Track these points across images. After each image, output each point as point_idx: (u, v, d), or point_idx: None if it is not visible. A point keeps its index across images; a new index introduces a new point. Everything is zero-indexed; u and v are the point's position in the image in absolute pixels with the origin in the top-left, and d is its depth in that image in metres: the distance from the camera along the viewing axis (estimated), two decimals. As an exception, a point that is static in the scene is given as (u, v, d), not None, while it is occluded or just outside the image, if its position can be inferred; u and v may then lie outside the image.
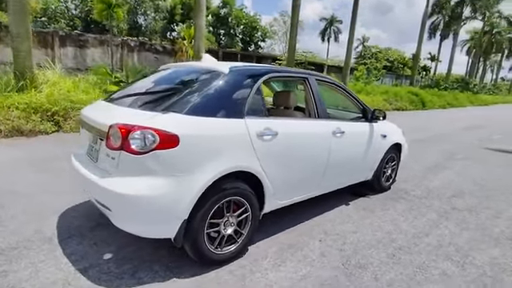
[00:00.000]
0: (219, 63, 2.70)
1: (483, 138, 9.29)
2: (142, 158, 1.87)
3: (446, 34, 36.35)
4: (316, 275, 2.25)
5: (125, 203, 1.90)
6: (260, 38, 36.54)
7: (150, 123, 1.89)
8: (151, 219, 1.94)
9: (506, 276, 2.39)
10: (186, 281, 2.09)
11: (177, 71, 2.75)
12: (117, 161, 1.96)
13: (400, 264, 2.46)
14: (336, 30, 48.22)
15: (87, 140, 2.43)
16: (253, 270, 2.26)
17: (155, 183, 1.89)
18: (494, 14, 34.48)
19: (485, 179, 4.93)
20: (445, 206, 3.75)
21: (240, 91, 2.30)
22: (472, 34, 43.04)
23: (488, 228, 3.22)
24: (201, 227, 2.07)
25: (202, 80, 2.33)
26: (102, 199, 2.00)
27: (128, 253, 2.36)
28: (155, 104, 2.21)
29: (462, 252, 2.70)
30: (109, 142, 1.98)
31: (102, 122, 2.09)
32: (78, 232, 2.62)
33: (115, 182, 1.93)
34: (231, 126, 2.18)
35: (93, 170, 2.17)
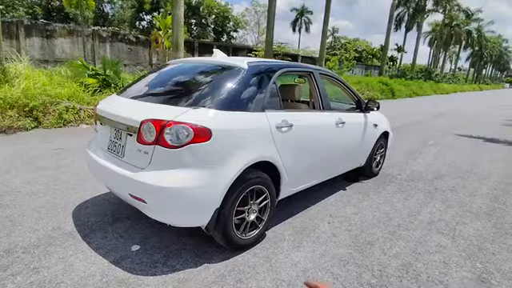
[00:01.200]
0: (235, 58, 2.79)
1: (450, 124, 10.08)
2: (177, 151, 1.97)
3: (411, 25, 38.08)
4: (333, 253, 2.48)
5: (161, 195, 1.99)
6: (232, 28, 36.20)
7: (184, 118, 1.98)
8: (186, 209, 2.05)
9: (489, 244, 2.77)
10: (217, 265, 2.23)
11: (194, 66, 2.81)
12: (150, 155, 2.04)
13: (401, 239, 2.75)
14: (307, 20, 48.78)
15: (106, 135, 2.45)
16: (275, 252, 2.45)
17: (190, 175, 1.99)
18: (453, 8, 36.69)
19: (457, 162, 5.46)
20: (428, 187, 4.15)
21: (260, 86, 2.43)
22: (433, 26, 45.42)
23: (468, 204, 3.63)
24: (230, 215, 2.21)
25: (224, 75, 2.43)
26: (136, 193, 2.07)
27: (154, 243, 2.45)
28: (182, 99, 2.28)
29: (450, 226, 3.06)
30: (141, 137, 2.05)
31: (131, 118, 2.14)
32: (98, 227, 2.65)
33: (151, 176, 2.01)
34: (255, 119, 2.32)
35: (120, 165, 2.22)
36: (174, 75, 2.73)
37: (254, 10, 42.84)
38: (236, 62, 2.53)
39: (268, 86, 2.49)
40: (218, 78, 2.43)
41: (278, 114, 2.51)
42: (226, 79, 2.36)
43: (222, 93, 2.22)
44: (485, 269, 2.41)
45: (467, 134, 8.29)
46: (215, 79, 2.42)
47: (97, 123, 2.62)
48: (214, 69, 2.59)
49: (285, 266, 2.28)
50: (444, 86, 33.32)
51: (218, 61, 2.72)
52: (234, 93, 2.26)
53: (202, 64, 2.82)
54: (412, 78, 30.86)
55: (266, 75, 2.52)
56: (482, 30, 48.14)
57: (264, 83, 2.47)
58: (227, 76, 2.39)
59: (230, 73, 2.41)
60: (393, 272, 2.29)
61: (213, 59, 2.86)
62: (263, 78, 2.49)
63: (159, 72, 2.92)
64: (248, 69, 2.43)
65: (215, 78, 2.45)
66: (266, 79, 2.51)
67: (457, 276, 2.30)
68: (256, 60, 2.67)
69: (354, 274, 2.24)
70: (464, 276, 2.30)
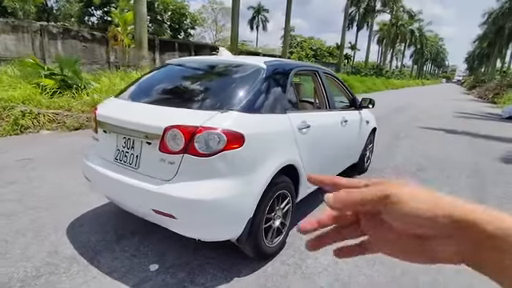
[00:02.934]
0: (250, 58, 2.64)
1: (411, 117, 10.79)
2: (209, 160, 1.80)
3: (362, 25, 40.22)
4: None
5: (193, 209, 1.81)
6: (190, 26, 35.25)
7: (214, 123, 1.82)
8: (220, 222, 1.89)
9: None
10: (249, 278, 2.10)
11: (207, 66, 2.60)
12: (177, 165, 1.84)
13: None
14: (264, 18, 49.19)
15: (112, 144, 2.18)
16: (302, 257, 2.38)
17: (223, 185, 1.84)
18: (399, 9, 39.46)
19: (432, 154, 5.83)
20: (416, 179, 4.36)
21: (280, 86, 2.33)
22: (381, 26, 48.44)
23: (456, 192, 3.87)
24: (261, 223, 2.09)
25: (245, 76, 2.28)
26: (162, 208, 1.86)
27: (173, 260, 2.24)
28: (206, 102, 2.09)
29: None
30: (165, 145, 1.84)
31: (151, 125, 1.91)
32: (103, 247, 2.36)
33: (180, 188, 1.82)
34: (280, 122, 2.21)
35: (135, 177, 1.99)
36: (187, 76, 2.52)
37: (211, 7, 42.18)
38: (254, 62, 2.39)
39: (287, 87, 2.39)
40: (239, 79, 2.27)
41: (298, 115, 2.43)
42: (248, 80, 2.22)
43: (247, 94, 2.08)
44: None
45: (429, 127, 8.93)
46: (237, 80, 2.26)
47: (97, 131, 2.32)
48: (232, 69, 2.42)
49: (317, 272, 2.22)
50: (394, 81, 35.76)
51: (234, 60, 2.55)
52: (259, 94, 2.13)
53: (216, 63, 2.62)
54: (366, 74, 32.65)
55: (283, 75, 2.43)
56: (422, 29, 52.43)
57: (283, 83, 2.37)
58: (248, 76, 2.25)
59: (251, 73, 2.27)
60: (415, 266, 2.34)
61: (227, 58, 2.69)
62: (282, 78, 2.39)
63: (164, 73, 2.67)
64: (267, 69, 2.31)
65: (236, 78, 2.29)
66: (284, 79, 2.41)
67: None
68: (271, 59, 2.55)
69: (384, 272, 2.25)
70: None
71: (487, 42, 39.85)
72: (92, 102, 7.48)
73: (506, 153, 6.31)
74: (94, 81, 8.65)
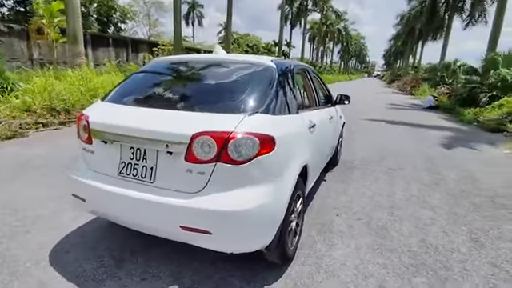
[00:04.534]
0: (257, 57, 2.52)
1: (353, 110, 11.61)
2: (243, 167, 1.68)
3: (295, 23, 42.00)
4: (363, 244, 2.58)
5: (232, 221, 1.67)
6: (120, 19, 32.64)
7: (246, 128, 1.70)
8: (257, 231, 1.78)
9: (457, 209, 3.36)
10: (278, 285, 2.04)
11: (213, 65, 2.39)
12: (208, 175, 1.68)
13: (403, 219, 3.07)
14: (199, 14, 48.09)
15: (114, 156, 1.90)
16: (317, 255, 2.39)
17: (258, 193, 1.74)
18: (328, 9, 42.19)
19: (385, 144, 6.39)
20: (383, 168, 4.74)
21: (291, 86, 2.28)
22: (312, 24, 51.21)
23: (419, 179, 4.31)
24: (287, 227, 2.04)
25: (259, 76, 2.16)
26: (194, 223, 1.67)
27: (191, 277, 2.06)
28: (227, 105, 1.93)
29: (423, 200, 3.59)
30: (193, 154, 1.67)
31: (174, 132, 1.70)
32: (104, 275, 2.05)
33: (213, 200, 1.66)
34: (297, 122, 2.18)
35: (152, 191, 1.76)
36: (195, 76, 2.29)
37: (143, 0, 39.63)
38: (263, 61, 2.30)
39: (295, 86, 2.36)
40: (254, 79, 2.14)
41: (307, 115, 2.43)
42: (263, 80, 2.12)
43: (267, 95, 1.99)
44: (469, 230, 2.92)
45: (371, 118, 9.77)
46: (253, 80, 2.13)
47: (92, 141, 1.98)
48: (243, 68, 2.27)
49: (337, 267, 2.25)
50: (328, 76, 38.22)
51: (240, 59, 2.41)
52: (277, 94, 2.06)
53: (222, 62, 2.44)
54: (303, 70, 34.21)
55: (290, 74, 2.39)
56: (347, 28, 56.94)
57: (292, 82, 2.34)
58: (263, 76, 2.15)
59: (264, 73, 2.18)
60: (418, 250, 2.54)
61: (231, 57, 2.53)
62: (290, 77, 2.35)
63: (164, 73, 2.42)
64: (277, 68, 2.25)
65: (251, 78, 2.16)
66: (292, 78, 2.37)
67: (458, 240, 2.72)
68: (275, 59, 2.48)
69: (395, 260, 2.39)
70: (463, 239, 2.74)
71: (401, 40, 45.01)
72: (24, 105, 6.48)
73: (442, 139, 7.23)
74: (21, 81, 7.47)
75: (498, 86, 12.10)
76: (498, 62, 12.46)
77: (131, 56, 16.84)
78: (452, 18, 24.67)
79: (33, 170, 3.92)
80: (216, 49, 3.03)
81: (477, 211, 3.35)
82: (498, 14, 14.70)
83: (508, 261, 2.45)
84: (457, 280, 2.19)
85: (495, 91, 11.92)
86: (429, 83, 22.73)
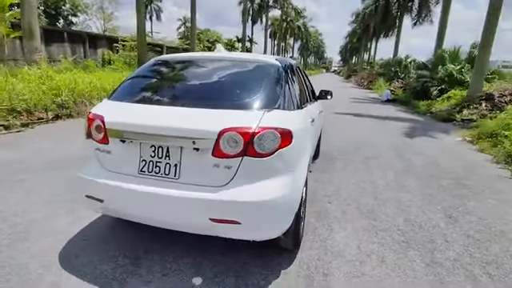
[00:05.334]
0: (261, 55, 2.61)
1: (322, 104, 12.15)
2: (267, 160, 1.80)
3: (256, 19, 42.27)
4: (360, 227, 2.83)
5: (260, 210, 1.79)
6: (70, 12, 30.52)
7: (268, 123, 1.82)
8: (281, 219, 1.91)
9: (429, 190, 3.78)
10: (293, 269, 2.20)
11: (221, 63, 2.45)
12: (235, 169, 1.78)
13: (387, 202, 3.39)
14: (157, 8, 46.38)
15: (133, 155, 1.92)
16: (322, 239, 2.59)
17: (280, 183, 1.87)
18: (288, 5, 43.04)
19: (357, 136, 6.84)
20: (360, 158, 5.11)
21: (294, 82, 2.43)
22: (272, 21, 51.85)
23: (393, 166, 4.73)
24: (300, 214, 2.20)
25: (267, 73, 2.26)
26: (223, 215, 1.76)
27: (211, 269, 2.14)
28: (245, 102, 2.01)
29: (401, 184, 3.97)
30: (220, 150, 1.76)
31: (201, 129, 1.77)
32: (124, 274, 2.06)
33: (241, 192, 1.77)
34: (303, 117, 2.33)
35: (178, 187, 1.82)
36: (206, 75, 2.34)
37: (94, -9, 37.20)
38: (267, 59, 2.42)
39: (296, 82, 2.51)
40: (265, 77, 2.24)
41: (307, 109, 2.59)
42: (272, 77, 2.24)
43: (279, 92, 2.12)
44: (443, 208, 3.31)
45: (340, 112, 10.28)
46: (264, 78, 2.23)
47: (108, 141, 1.97)
48: (251, 66, 2.36)
49: (342, 249, 2.47)
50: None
51: (246, 58, 2.50)
52: (287, 91, 2.19)
53: (229, 61, 2.52)
54: (266, 66, 34.62)
55: (291, 71, 2.53)
56: (306, 25, 58.52)
57: (294, 80, 2.48)
58: (271, 74, 2.26)
59: (272, 71, 2.30)
60: (405, 228, 2.85)
61: (233, 56, 2.60)
62: (292, 74, 2.50)
63: (169, 71, 2.45)
64: (281, 65, 2.38)
65: (261, 76, 2.25)
66: (294, 75, 2.52)
67: (436, 218, 3.08)
68: (277, 57, 2.61)
69: (388, 238, 2.67)
70: (440, 216, 3.11)
71: (356, 37, 47.36)
72: (-20, 107, 5.92)
73: (403, 130, 7.88)
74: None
75: (445, 80, 13.32)
76: (446, 58, 13.72)
77: (89, 52, 15.87)
78: (403, 17, 26.53)
79: (9, 176, 3.67)
80: (218, 47, 3.08)
81: (445, 192, 3.79)
82: (443, 14, 16.14)
83: (477, 231, 2.85)
84: (442, 250, 2.52)
85: (444, 85, 13.12)
86: (384, 78, 24.25)
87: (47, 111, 7.07)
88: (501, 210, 3.34)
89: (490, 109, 9.46)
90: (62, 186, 3.40)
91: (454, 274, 2.23)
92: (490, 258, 2.45)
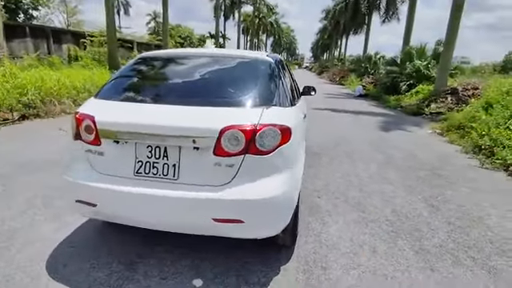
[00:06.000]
0: (252, 52, 2.57)
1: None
2: (268, 157, 1.80)
3: (229, 15, 41.89)
4: (351, 220, 2.91)
5: (263, 208, 1.78)
6: (31, 6, 28.56)
7: (268, 120, 1.81)
8: (282, 216, 1.91)
9: (409, 182, 3.96)
10: (292, 265, 2.23)
11: (212, 60, 2.38)
12: (236, 167, 1.76)
13: (373, 194, 3.52)
14: (125, 2, 44.61)
15: (128, 156, 1.84)
16: (316, 233, 2.64)
17: (281, 180, 1.87)
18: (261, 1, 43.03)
19: (335, 131, 7.00)
20: (341, 152, 5.24)
21: (286, 78, 2.43)
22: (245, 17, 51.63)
23: (374, 159, 4.90)
24: (297, 209, 2.22)
25: (261, 70, 2.24)
26: (227, 214, 1.74)
27: (211, 270, 2.11)
28: (241, 99, 1.98)
29: (383, 176, 4.12)
30: (222, 148, 1.73)
31: (201, 127, 1.73)
32: (121, 280, 1.98)
33: (243, 190, 1.75)
34: (298, 113, 2.34)
35: (177, 188, 1.77)
36: (198, 71, 2.26)
37: (55, -16, 35.01)
38: (259, 55, 2.40)
39: (288, 78, 2.52)
40: (259, 74, 2.22)
41: (299, 106, 2.61)
42: (268, 74, 2.22)
43: (275, 89, 2.11)
44: (424, 198, 3.49)
45: (316, 107, 10.45)
46: (258, 75, 2.21)
47: (100, 142, 1.86)
48: (244, 63, 2.33)
49: (337, 241, 2.53)
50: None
51: (237, 54, 2.45)
52: (281, 87, 2.19)
53: (220, 57, 2.47)
54: (239, 63, 34.47)
55: (282, 67, 2.53)
56: (278, 21, 58.84)
57: (286, 76, 2.48)
58: (265, 71, 2.25)
59: (267, 67, 2.28)
60: (393, 218, 2.97)
61: (225, 52, 2.55)
62: (283, 70, 2.49)
63: (159, 68, 2.35)
64: (273, 62, 2.37)
65: (255, 73, 2.23)
66: (284, 71, 2.52)
67: (419, 207, 3.24)
68: (266, 53, 2.59)
69: (378, 229, 2.77)
70: (422, 206, 3.27)
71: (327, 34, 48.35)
72: None
73: (378, 124, 8.19)
74: None
75: (413, 75, 13.96)
76: (413, 55, 14.37)
77: (53, 48, 14.94)
78: (371, 14, 27.44)
79: (-23, 183, 3.39)
80: (207, 44, 3.01)
81: (424, 182, 3.99)
82: (409, 12, 16.86)
83: (457, 218, 3.03)
84: (428, 238, 2.65)
85: (412, 80, 13.75)
86: (355, 74, 25.01)
87: (12, 111, 6.61)
88: (475, 197, 3.57)
89: (455, 102, 10.05)
90: (37, 190, 3.21)
91: (441, 259, 2.35)
92: (471, 242, 2.61)
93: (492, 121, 5.53)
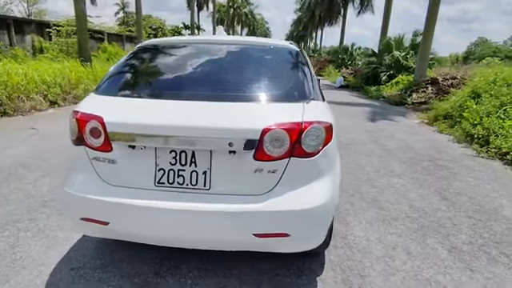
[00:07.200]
0: (267, 39, 2.28)
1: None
2: (315, 159, 1.56)
3: (202, 5, 40.72)
4: (370, 217, 2.76)
5: (309, 219, 1.54)
6: (-15, -7, 26.16)
7: (314, 117, 1.57)
8: (326, 224, 1.69)
9: (417, 175, 3.89)
10: (329, 274, 2.03)
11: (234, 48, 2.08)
12: (280, 172, 1.51)
13: (386, 190, 3.39)
14: (90, -10, 41.94)
15: (147, 162, 1.54)
16: (342, 236, 2.46)
17: (325, 184, 1.64)
18: (235, -9, 42.16)
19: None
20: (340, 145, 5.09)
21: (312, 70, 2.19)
22: (219, 7, 50.44)
23: (373, 151, 4.81)
24: (332, 214, 2.01)
25: (294, 60, 1.98)
26: (270, 228, 1.49)
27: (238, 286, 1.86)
28: (276, 92, 1.72)
29: (389, 169, 4.03)
30: (264, 151, 1.47)
31: (240, 128, 1.45)
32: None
33: (288, 199, 1.51)
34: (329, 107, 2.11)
35: (208, 200, 1.50)
36: (223, 61, 1.97)
37: (11, -31, 32.23)
38: (287, 44, 2.14)
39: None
40: (291, 64, 1.96)
41: None
42: (298, 64, 1.96)
43: (308, 80, 1.87)
44: (435, 191, 3.41)
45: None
46: (289, 64, 1.95)
47: (111, 148, 1.53)
48: (274, 51, 2.06)
49: (365, 244, 2.36)
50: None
51: (265, 41, 2.16)
52: (313, 79, 1.95)
53: (240, 45, 2.18)
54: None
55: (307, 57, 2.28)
56: (253, 12, 58.08)
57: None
58: (297, 60, 1.99)
59: (297, 57, 2.03)
60: (413, 214, 2.86)
61: (252, 39, 2.26)
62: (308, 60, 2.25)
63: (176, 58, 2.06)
64: (299, 51, 2.12)
65: (287, 63, 1.97)
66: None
67: (434, 201, 3.15)
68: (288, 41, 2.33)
69: (403, 227, 2.64)
70: (437, 199, 3.19)
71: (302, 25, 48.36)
72: None
73: (365, 114, 8.21)
74: None
75: (392, 66, 14.21)
76: (392, 46, 14.59)
77: (15, 39, 13.68)
78: (347, 5, 27.67)
79: None
80: (219, 30, 2.67)
81: (430, 174, 3.93)
82: (387, 2, 17.06)
83: (475, 211, 2.96)
84: (454, 234, 2.55)
85: (391, 70, 13.99)
86: (333, 65, 25.22)
87: (-26, 110, 5.90)
88: (482, 187, 3.55)
89: (435, 92, 10.29)
90: (12, 201, 2.79)
91: (476, 258, 2.25)
92: (497, 237, 2.54)
93: (483, 110, 5.60)
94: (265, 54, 2.05)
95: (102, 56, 16.01)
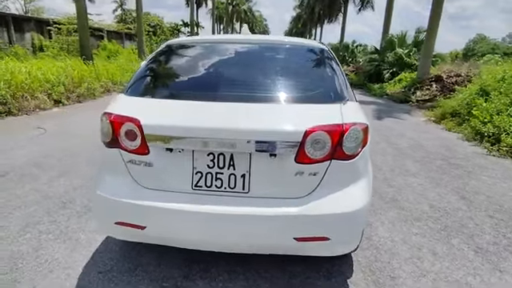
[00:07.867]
0: (296, 38, 2.24)
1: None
2: (354, 161, 1.54)
3: (201, 2, 40.51)
4: (391, 217, 2.74)
5: (349, 223, 1.52)
6: (-18, -10, 25.89)
7: (354, 118, 1.55)
8: (361, 228, 1.67)
9: (432, 174, 3.87)
10: (359, 276, 2.01)
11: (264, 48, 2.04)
12: (321, 175, 1.48)
13: (401, 188, 3.38)
14: (88, -13, 41.58)
15: (184, 165, 1.51)
16: (366, 236, 2.42)
17: (363, 187, 1.62)
18: (235, -12, 41.95)
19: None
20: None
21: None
22: (218, 4, 50.20)
23: (386, 150, 4.80)
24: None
25: (326, 60, 1.95)
26: (311, 232, 1.46)
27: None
28: (312, 93, 1.70)
29: (401, 168, 4.01)
30: (306, 153, 1.44)
31: (282, 130, 1.43)
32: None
33: (328, 202, 1.49)
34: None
35: (248, 204, 1.47)
36: (257, 61, 1.94)
37: (9, -35, 31.95)
38: (316, 43, 2.11)
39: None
40: (325, 64, 1.93)
41: None
42: (331, 64, 1.93)
43: (341, 81, 1.84)
44: (453, 190, 3.40)
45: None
46: (323, 65, 1.92)
47: (149, 151, 1.50)
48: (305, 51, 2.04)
49: (391, 245, 2.34)
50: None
51: (295, 41, 2.13)
52: (345, 79, 1.92)
53: (270, 44, 2.16)
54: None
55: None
56: (252, 9, 57.86)
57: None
58: (328, 60, 1.96)
59: (327, 56, 1.99)
60: (435, 214, 2.84)
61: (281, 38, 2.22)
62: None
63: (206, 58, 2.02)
64: (329, 50, 2.08)
65: (320, 63, 1.93)
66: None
67: (453, 200, 3.14)
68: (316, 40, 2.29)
69: (426, 227, 2.62)
70: (456, 199, 3.18)
71: (301, 23, 48.20)
72: None
73: (372, 112, 8.19)
74: None
75: (395, 63, 14.18)
76: (395, 43, 14.55)
77: (15, 37, 13.54)
78: (348, 2, 27.58)
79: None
80: (244, 29, 2.63)
81: (445, 173, 3.92)
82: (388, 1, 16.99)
83: (495, 211, 2.95)
84: (478, 234, 2.54)
85: (394, 68, 13.97)
86: (334, 62, 25.17)
87: (-20, 109, 5.83)
88: (497, 186, 3.54)
89: (440, 90, 10.27)
90: (29, 203, 2.75)
91: (504, 258, 2.24)
92: (521, 237, 2.53)
93: (493, 108, 5.59)
94: (297, 54, 2.02)
95: (103, 54, 15.90)
